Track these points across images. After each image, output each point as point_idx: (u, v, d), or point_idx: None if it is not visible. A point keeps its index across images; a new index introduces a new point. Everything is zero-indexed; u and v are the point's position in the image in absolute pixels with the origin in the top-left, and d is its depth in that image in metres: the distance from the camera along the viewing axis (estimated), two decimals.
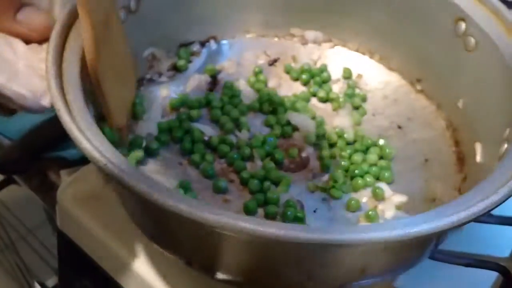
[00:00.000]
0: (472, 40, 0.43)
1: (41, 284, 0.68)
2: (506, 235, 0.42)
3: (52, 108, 0.32)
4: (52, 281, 0.79)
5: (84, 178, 0.43)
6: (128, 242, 0.40)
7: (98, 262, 0.42)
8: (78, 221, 0.41)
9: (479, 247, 0.40)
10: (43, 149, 0.47)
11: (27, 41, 0.35)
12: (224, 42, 0.51)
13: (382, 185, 0.43)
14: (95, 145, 0.30)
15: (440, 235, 0.34)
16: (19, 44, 0.34)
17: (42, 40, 0.35)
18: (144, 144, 0.42)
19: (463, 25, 0.43)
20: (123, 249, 0.40)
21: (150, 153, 0.42)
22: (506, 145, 0.36)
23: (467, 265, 0.39)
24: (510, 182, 0.31)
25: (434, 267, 0.39)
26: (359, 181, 0.43)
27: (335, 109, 0.49)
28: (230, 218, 0.27)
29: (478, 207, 0.30)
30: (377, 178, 0.43)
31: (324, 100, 0.49)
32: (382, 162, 0.44)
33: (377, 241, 0.28)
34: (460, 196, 0.33)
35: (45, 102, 0.34)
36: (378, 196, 0.42)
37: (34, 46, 0.35)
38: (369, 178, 0.43)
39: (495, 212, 0.39)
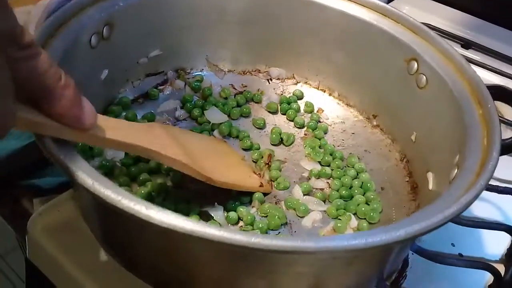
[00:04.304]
0: (424, 78, 0.46)
1: None
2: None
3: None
4: None
5: (56, 208, 0.42)
6: (98, 277, 0.39)
7: None
8: (47, 253, 0.40)
9: None
10: (17, 176, 0.46)
11: None
12: (192, 74, 0.54)
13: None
14: None
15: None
16: None
17: None
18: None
19: (415, 65, 0.47)
20: (92, 283, 0.39)
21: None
22: (456, 170, 0.38)
23: None
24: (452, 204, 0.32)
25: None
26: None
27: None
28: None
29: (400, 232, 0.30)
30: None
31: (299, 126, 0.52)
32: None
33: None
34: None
35: None
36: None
37: None
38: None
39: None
